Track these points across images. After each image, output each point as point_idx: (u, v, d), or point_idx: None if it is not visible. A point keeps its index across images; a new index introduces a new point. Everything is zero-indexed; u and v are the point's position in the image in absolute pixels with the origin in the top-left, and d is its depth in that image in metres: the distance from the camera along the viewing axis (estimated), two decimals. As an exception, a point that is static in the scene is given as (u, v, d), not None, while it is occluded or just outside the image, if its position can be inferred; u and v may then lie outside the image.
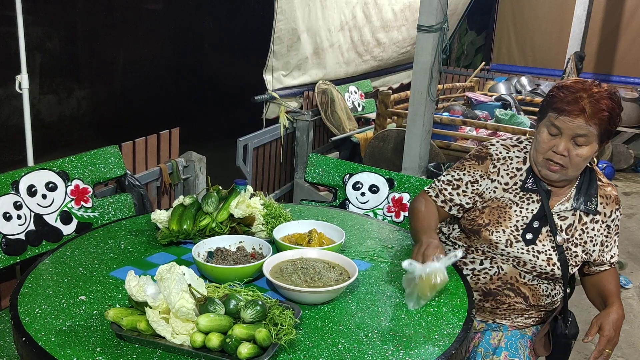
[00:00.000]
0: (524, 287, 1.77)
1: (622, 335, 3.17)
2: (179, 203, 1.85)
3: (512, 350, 1.78)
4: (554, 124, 1.62)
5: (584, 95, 1.59)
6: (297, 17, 4.66)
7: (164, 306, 1.25)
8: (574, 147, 1.62)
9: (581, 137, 1.60)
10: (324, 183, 2.55)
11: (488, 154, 1.80)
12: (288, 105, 4.80)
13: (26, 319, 1.34)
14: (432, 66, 3.69)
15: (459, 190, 1.81)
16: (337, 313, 1.42)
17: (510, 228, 1.73)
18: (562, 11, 7.65)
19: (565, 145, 1.62)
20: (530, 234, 1.72)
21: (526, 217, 1.73)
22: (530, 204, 1.74)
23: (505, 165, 1.77)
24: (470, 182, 1.79)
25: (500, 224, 1.73)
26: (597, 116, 1.58)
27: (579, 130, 1.59)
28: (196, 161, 3.55)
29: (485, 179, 1.78)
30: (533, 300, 1.78)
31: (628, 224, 4.91)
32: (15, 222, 2.04)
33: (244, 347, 1.18)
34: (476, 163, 1.80)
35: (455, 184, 1.81)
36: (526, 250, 1.72)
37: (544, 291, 1.79)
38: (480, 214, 1.77)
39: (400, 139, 4.23)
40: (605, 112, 1.58)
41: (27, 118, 2.67)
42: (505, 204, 1.75)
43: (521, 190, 1.75)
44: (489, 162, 1.79)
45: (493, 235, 1.73)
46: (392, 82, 6.80)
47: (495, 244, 1.73)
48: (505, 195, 1.76)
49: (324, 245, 1.72)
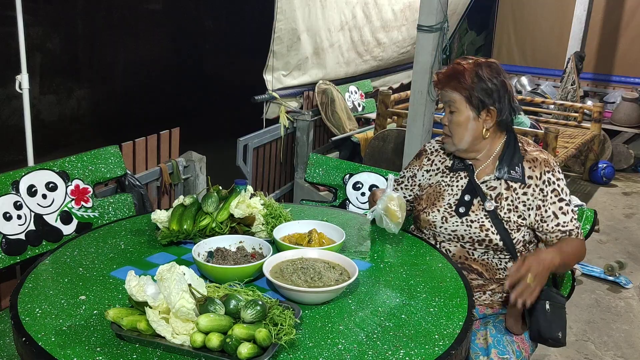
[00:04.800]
0: (475, 264, 1.88)
1: (622, 335, 3.19)
2: (179, 203, 1.85)
3: (500, 347, 1.77)
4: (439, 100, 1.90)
5: (443, 69, 1.86)
6: (297, 17, 4.66)
7: (164, 306, 1.25)
8: (450, 115, 1.84)
9: (450, 104, 1.83)
10: (324, 183, 2.55)
11: (423, 150, 2.05)
12: (288, 105, 4.80)
13: (26, 319, 1.34)
14: (432, 66, 3.68)
15: (402, 185, 2.08)
16: (337, 313, 1.42)
17: (444, 206, 1.89)
18: (562, 11, 7.65)
19: (446, 116, 1.86)
20: (463, 207, 1.87)
21: (457, 193, 1.89)
22: (459, 180, 1.91)
23: (438, 156, 1.99)
24: (411, 176, 2.05)
25: (434, 204, 1.92)
26: (450, 83, 1.80)
27: (447, 98, 1.83)
28: (196, 161, 3.55)
29: (421, 171, 2.02)
30: (488, 274, 1.88)
31: (628, 224, 4.91)
32: (16, 222, 2.05)
33: (244, 347, 1.18)
34: (415, 159, 2.06)
35: (400, 180, 2.09)
36: (460, 222, 1.85)
37: (496, 265, 1.87)
38: (420, 200, 1.98)
39: (400, 139, 4.23)
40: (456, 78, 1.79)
41: (27, 118, 2.67)
42: (440, 188, 1.94)
43: (450, 171, 1.94)
44: (423, 157, 2.03)
45: (430, 216, 1.90)
46: (392, 82, 6.80)
47: (432, 223, 1.89)
48: (439, 179, 1.96)
49: (324, 245, 1.72)
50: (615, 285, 3.75)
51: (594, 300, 3.58)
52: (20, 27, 2.59)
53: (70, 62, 7.94)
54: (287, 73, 4.81)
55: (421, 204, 1.97)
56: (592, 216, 2.01)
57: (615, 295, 3.65)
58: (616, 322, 3.34)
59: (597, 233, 4.47)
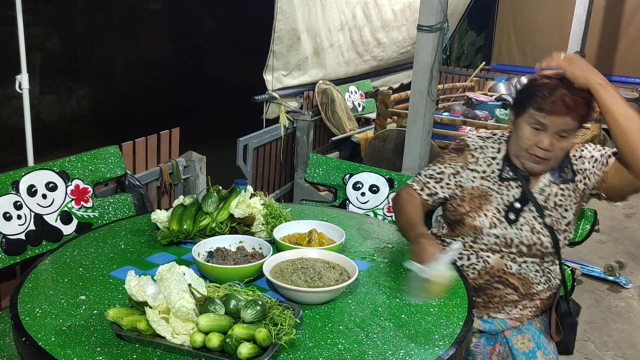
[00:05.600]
0: (512, 278, 1.79)
1: (622, 335, 3.19)
2: (179, 203, 1.85)
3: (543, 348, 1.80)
4: (540, 122, 1.67)
5: (566, 92, 1.64)
6: (297, 17, 4.66)
7: (164, 306, 1.25)
8: (557, 141, 1.69)
9: (565, 131, 1.67)
10: (324, 183, 2.55)
11: (465, 146, 1.88)
12: (288, 105, 4.80)
13: (26, 319, 1.34)
14: (432, 66, 3.68)
15: (442, 183, 1.87)
16: (337, 313, 1.42)
17: (492, 211, 1.78)
18: (562, 11, 7.64)
19: (550, 140, 1.68)
20: (512, 214, 1.78)
21: (507, 201, 1.79)
22: (510, 190, 1.80)
23: (482, 154, 1.85)
24: (452, 174, 1.86)
25: (481, 208, 1.79)
26: (579, 111, 1.65)
27: (564, 126, 1.66)
28: (196, 161, 3.55)
29: (465, 169, 1.85)
30: (524, 289, 1.80)
31: (628, 224, 4.91)
32: (16, 222, 2.04)
33: (244, 347, 1.18)
34: (456, 155, 1.88)
35: (438, 177, 1.88)
36: (510, 227, 1.77)
37: (533, 279, 1.81)
38: (461, 202, 1.83)
39: (400, 139, 4.23)
40: (584, 106, 1.65)
41: (27, 118, 2.67)
42: (485, 192, 1.81)
43: (499, 179, 1.81)
44: (467, 153, 1.87)
45: (476, 221, 1.78)
46: (392, 82, 6.80)
47: (479, 229, 1.78)
48: (484, 184, 1.82)
49: (324, 245, 1.72)
50: (615, 285, 3.75)
51: (594, 300, 3.58)
52: (20, 27, 2.59)
53: (70, 62, 7.94)
54: (287, 73, 4.81)
55: (463, 206, 1.82)
56: (592, 216, 2.01)
57: (615, 295, 3.65)
58: (616, 322, 3.34)
59: (597, 233, 4.47)
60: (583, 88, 1.64)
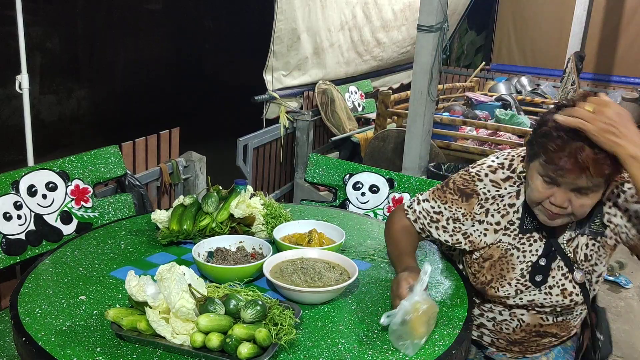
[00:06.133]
0: (550, 328, 1.62)
1: (622, 335, 3.19)
2: (179, 203, 1.85)
3: None
4: (549, 175, 1.35)
5: (582, 146, 1.27)
6: (297, 17, 4.66)
7: (164, 306, 1.25)
8: (576, 197, 1.35)
9: (585, 189, 1.33)
10: (324, 183, 2.55)
11: (474, 192, 1.55)
12: (288, 105, 4.80)
13: (26, 319, 1.34)
14: (432, 66, 3.69)
15: (438, 224, 1.60)
16: (337, 313, 1.42)
17: (515, 279, 1.54)
18: (562, 11, 7.65)
19: (564, 196, 1.35)
20: (539, 275, 1.53)
21: (531, 260, 1.53)
22: (533, 243, 1.53)
23: (495, 204, 1.54)
24: (452, 218, 1.58)
25: (504, 277, 1.55)
26: (599, 170, 1.28)
27: (582, 183, 1.32)
28: (196, 161, 3.55)
29: (469, 220, 1.56)
30: (564, 333, 1.66)
31: (628, 224, 4.90)
32: (16, 222, 2.04)
33: (244, 347, 1.18)
34: (459, 199, 1.57)
35: (435, 217, 1.60)
36: (537, 291, 1.54)
37: (572, 320, 1.64)
38: (480, 268, 1.58)
39: (400, 139, 4.23)
40: (607, 165, 1.28)
41: (27, 118, 2.67)
42: (505, 252, 1.54)
43: (520, 232, 1.53)
44: (474, 202, 1.55)
45: (500, 292, 1.56)
46: (392, 82, 6.80)
47: (504, 300, 1.58)
48: (503, 240, 1.54)
49: (324, 245, 1.72)
50: (615, 285, 3.75)
51: (594, 300, 3.58)
52: (20, 27, 2.59)
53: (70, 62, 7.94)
54: (287, 73, 4.82)
55: (484, 274, 1.57)
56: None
57: (615, 295, 3.65)
58: (616, 322, 3.34)
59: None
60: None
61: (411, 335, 1.26)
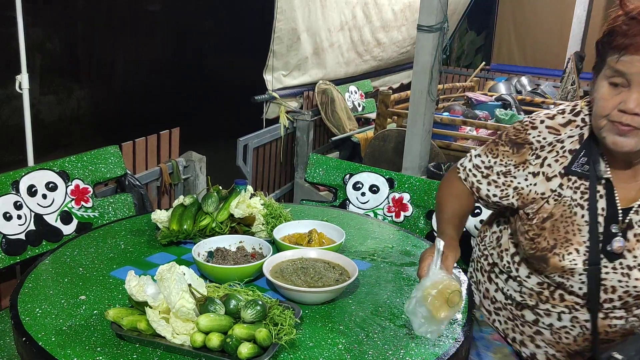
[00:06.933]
0: (621, 331, 1.37)
1: (622, 335, 3.17)
2: (179, 203, 1.85)
3: None
4: (617, 70, 1.20)
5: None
6: (297, 17, 4.66)
7: (164, 306, 1.25)
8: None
9: None
10: (324, 183, 2.55)
11: (526, 142, 1.40)
12: (288, 105, 4.80)
13: (26, 318, 1.34)
14: (432, 66, 3.69)
15: (489, 179, 1.46)
16: (337, 313, 1.42)
17: (585, 244, 1.31)
18: (562, 11, 7.65)
19: (637, 98, 1.18)
20: (613, 243, 1.29)
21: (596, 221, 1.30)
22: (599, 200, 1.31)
23: (553, 152, 1.36)
24: (502, 173, 1.44)
25: (570, 241, 1.32)
26: None
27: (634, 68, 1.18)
28: (196, 161, 3.55)
29: (522, 172, 1.40)
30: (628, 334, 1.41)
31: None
32: (16, 222, 2.04)
33: (244, 347, 1.18)
34: (510, 151, 1.43)
35: (485, 173, 1.47)
36: (612, 269, 1.30)
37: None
38: (540, 231, 1.36)
39: (400, 139, 4.23)
40: None
41: (27, 118, 2.67)
42: (567, 207, 1.33)
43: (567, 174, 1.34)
44: (526, 152, 1.40)
45: (565, 261, 1.32)
46: (392, 82, 6.80)
47: (570, 271, 1.33)
48: (565, 194, 1.34)
49: (324, 245, 1.72)
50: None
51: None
52: (20, 27, 2.59)
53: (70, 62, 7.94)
54: (287, 73, 4.82)
55: (546, 238, 1.35)
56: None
57: None
58: None
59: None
60: None
61: (430, 320, 1.24)
